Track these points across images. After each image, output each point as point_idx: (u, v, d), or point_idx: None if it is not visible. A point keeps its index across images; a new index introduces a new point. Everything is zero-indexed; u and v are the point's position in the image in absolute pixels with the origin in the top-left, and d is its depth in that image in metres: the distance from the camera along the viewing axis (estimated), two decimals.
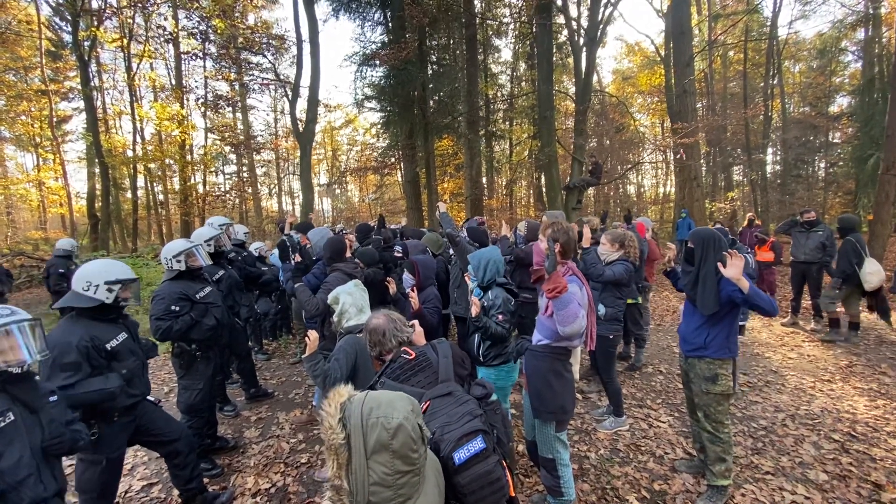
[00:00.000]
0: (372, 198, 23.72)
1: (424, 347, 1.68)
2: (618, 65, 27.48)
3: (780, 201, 17.98)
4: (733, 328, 2.72)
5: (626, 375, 4.91)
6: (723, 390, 2.73)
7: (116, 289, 2.38)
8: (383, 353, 1.87)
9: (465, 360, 1.68)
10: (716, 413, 2.78)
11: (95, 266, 2.39)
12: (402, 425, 0.96)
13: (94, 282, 2.33)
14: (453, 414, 1.34)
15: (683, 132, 10.79)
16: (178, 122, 16.88)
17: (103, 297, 2.34)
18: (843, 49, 18.89)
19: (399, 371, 1.58)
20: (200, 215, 18.48)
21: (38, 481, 1.72)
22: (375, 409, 0.98)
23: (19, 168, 23.44)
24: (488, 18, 15.50)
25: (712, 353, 2.73)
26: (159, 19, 15.82)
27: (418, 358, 1.60)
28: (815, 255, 6.15)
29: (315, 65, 12.37)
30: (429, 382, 1.52)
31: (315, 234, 4.59)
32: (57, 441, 1.79)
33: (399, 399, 1.03)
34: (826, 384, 4.62)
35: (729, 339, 2.72)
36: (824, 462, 3.22)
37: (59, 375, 2.14)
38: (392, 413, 0.97)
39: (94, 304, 2.33)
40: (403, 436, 0.95)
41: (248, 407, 4.44)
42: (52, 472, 1.80)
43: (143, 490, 3.14)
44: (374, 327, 1.88)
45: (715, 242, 2.69)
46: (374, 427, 0.95)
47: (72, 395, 2.14)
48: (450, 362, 1.57)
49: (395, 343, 1.84)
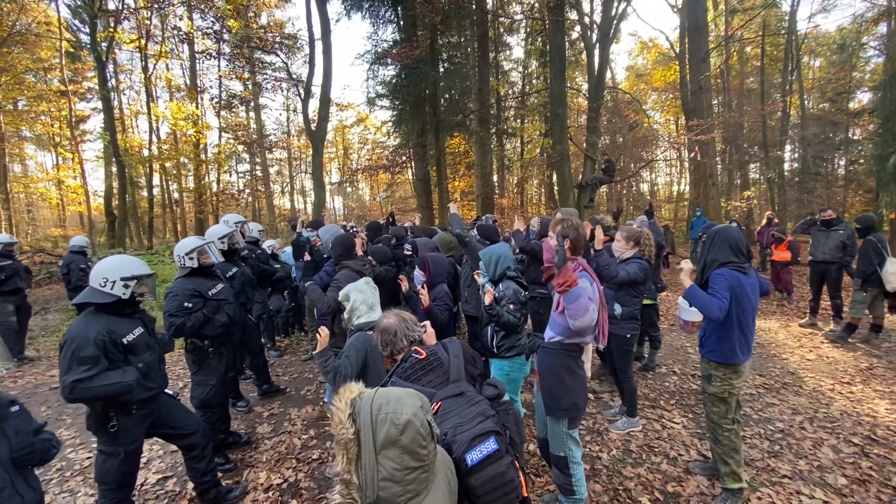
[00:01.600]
0: (383, 196, 23.81)
1: (435, 347, 1.67)
2: (631, 61, 27.14)
3: (798, 200, 17.58)
4: (724, 333, 2.66)
5: (639, 376, 4.85)
6: (716, 392, 2.71)
7: (132, 284, 2.41)
8: (395, 353, 1.86)
9: (477, 359, 1.67)
10: (711, 413, 2.77)
11: (112, 262, 2.43)
12: (410, 421, 0.96)
13: (111, 278, 2.36)
14: (465, 414, 1.33)
15: (699, 129, 10.62)
16: (193, 122, 17.11)
17: (119, 292, 2.38)
18: (864, 44, 18.39)
19: (410, 371, 1.57)
20: (214, 213, 18.72)
21: (14, 493, 1.72)
22: (385, 405, 0.99)
23: (39, 167, 23.99)
24: (500, 16, 15.42)
25: (706, 352, 2.78)
26: (175, 20, 16.04)
27: (429, 357, 1.59)
28: (835, 255, 6.00)
29: (327, 63, 12.46)
30: (440, 382, 1.51)
31: (326, 231, 4.61)
32: (27, 452, 1.78)
33: (408, 395, 1.03)
34: (846, 386, 4.51)
35: (721, 344, 2.68)
36: (843, 466, 3.15)
37: (77, 369, 2.17)
38: (401, 409, 0.97)
39: (111, 299, 2.37)
40: (412, 432, 0.96)
41: (261, 403, 4.48)
42: (27, 483, 1.80)
43: (158, 483, 3.19)
44: (386, 327, 1.88)
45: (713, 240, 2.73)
46: (384, 423, 0.96)
47: (90, 388, 2.17)
48: (461, 361, 1.56)
49: (407, 343, 1.83)
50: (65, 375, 2.16)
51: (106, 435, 2.35)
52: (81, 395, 2.18)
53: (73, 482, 3.25)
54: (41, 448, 1.83)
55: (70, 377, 2.15)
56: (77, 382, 2.14)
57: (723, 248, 2.66)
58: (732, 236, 2.68)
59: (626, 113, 19.96)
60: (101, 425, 2.33)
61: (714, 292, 2.54)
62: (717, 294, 2.53)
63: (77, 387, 2.14)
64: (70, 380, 2.14)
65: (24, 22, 14.96)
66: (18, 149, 21.30)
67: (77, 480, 3.27)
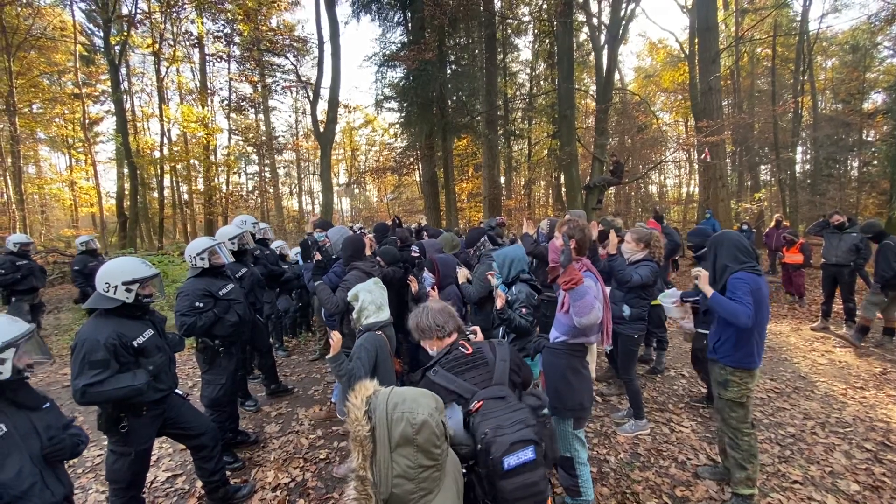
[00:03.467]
0: (390, 198, 23.89)
1: (482, 344, 1.67)
2: (640, 62, 27.01)
3: (810, 201, 17.36)
4: (744, 338, 2.59)
5: (647, 379, 4.82)
6: (734, 397, 2.66)
7: (135, 288, 2.40)
8: (446, 336, 1.77)
9: (523, 367, 1.66)
10: (730, 419, 2.72)
11: (113, 267, 2.41)
12: (426, 421, 0.97)
13: (112, 283, 2.36)
14: (506, 419, 1.34)
15: (708, 130, 10.53)
16: (203, 125, 17.30)
17: (123, 297, 2.37)
18: (878, 44, 18.15)
19: (455, 363, 1.58)
20: (224, 214, 18.90)
21: (45, 488, 1.74)
22: (401, 403, 1.00)
23: (52, 169, 24.38)
24: (508, 18, 15.43)
25: (720, 357, 2.70)
26: (187, 24, 16.25)
27: (474, 354, 1.60)
28: (848, 258, 5.91)
29: (336, 66, 12.53)
30: (482, 380, 1.52)
31: (335, 232, 4.64)
32: (57, 448, 1.81)
33: (423, 396, 1.05)
34: (858, 391, 4.44)
35: (737, 349, 2.61)
36: (856, 472, 3.10)
37: (88, 373, 2.18)
38: (417, 409, 0.99)
39: (116, 304, 2.38)
40: (427, 431, 0.97)
41: (269, 402, 4.52)
42: (57, 478, 1.83)
43: (167, 481, 3.23)
44: (444, 307, 1.83)
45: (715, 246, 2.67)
46: (399, 421, 0.98)
47: (101, 392, 2.20)
48: (507, 367, 1.57)
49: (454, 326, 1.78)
50: (76, 379, 2.18)
51: (117, 435, 2.37)
52: (93, 398, 2.20)
53: (84, 479, 3.29)
54: (70, 444, 1.86)
55: (81, 381, 2.16)
56: (88, 386, 2.16)
57: (731, 253, 2.60)
58: (736, 239, 2.64)
59: (634, 114, 19.86)
60: (112, 426, 2.35)
61: (738, 298, 2.46)
62: (742, 300, 2.44)
63: (88, 391, 2.16)
64: (81, 384, 2.16)
65: (39, 26, 15.24)
66: (33, 150, 21.68)
67: (89, 477, 3.32)
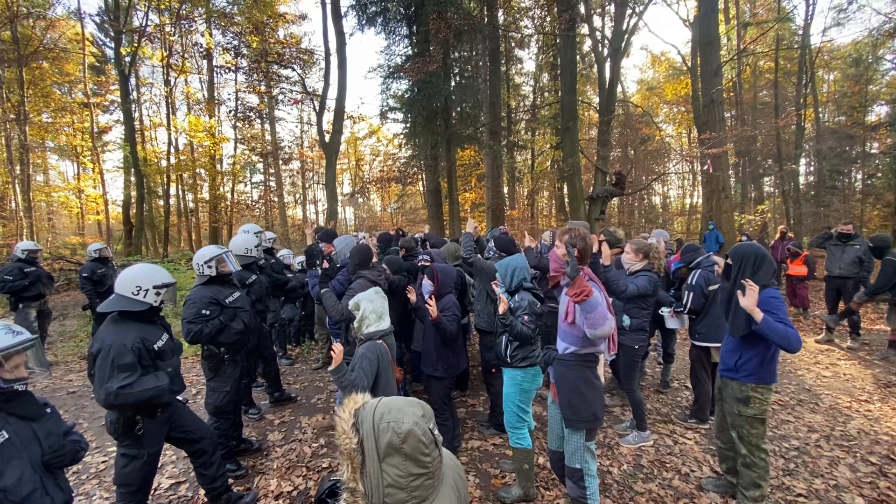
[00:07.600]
0: (394, 207, 23.97)
1: None
2: (643, 75, 27.21)
3: (814, 213, 17.33)
4: (769, 354, 2.59)
5: (651, 391, 4.80)
6: (755, 413, 2.64)
7: (163, 292, 2.49)
8: None
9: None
10: (749, 436, 2.69)
11: (143, 271, 2.49)
12: (412, 430, 0.99)
13: (144, 286, 2.42)
14: None
15: (711, 142, 10.58)
16: (210, 134, 17.50)
17: (152, 300, 2.45)
18: (880, 57, 18.25)
19: None
20: (228, 223, 19.01)
21: (45, 494, 1.76)
22: (386, 414, 1.02)
23: (61, 176, 24.62)
24: (511, 31, 15.62)
25: (742, 376, 2.67)
26: (197, 36, 16.53)
27: None
28: (851, 270, 5.91)
29: (342, 77, 12.71)
30: None
31: (340, 241, 4.69)
32: (58, 454, 1.83)
33: (409, 405, 1.06)
34: (863, 404, 4.42)
35: (763, 366, 2.60)
36: (861, 486, 3.08)
37: (118, 376, 2.23)
38: (402, 418, 1.00)
39: (144, 307, 2.43)
40: (414, 440, 0.99)
41: (272, 410, 4.52)
42: (57, 484, 1.85)
43: (171, 488, 3.24)
44: None
45: (753, 262, 2.60)
46: (385, 431, 0.99)
47: (133, 394, 2.24)
48: None
49: None
50: (107, 382, 2.21)
51: (131, 438, 2.40)
52: (125, 400, 2.24)
53: (88, 485, 3.31)
54: (71, 450, 1.88)
55: (114, 384, 2.20)
56: (122, 389, 2.21)
57: (768, 270, 2.55)
58: (766, 254, 2.63)
59: (637, 125, 19.95)
60: (129, 429, 2.38)
61: (780, 319, 2.41)
62: (785, 320, 2.40)
63: (122, 393, 2.21)
64: (115, 386, 2.20)
65: (51, 37, 15.54)
66: (42, 159, 21.93)
67: (92, 483, 3.33)
